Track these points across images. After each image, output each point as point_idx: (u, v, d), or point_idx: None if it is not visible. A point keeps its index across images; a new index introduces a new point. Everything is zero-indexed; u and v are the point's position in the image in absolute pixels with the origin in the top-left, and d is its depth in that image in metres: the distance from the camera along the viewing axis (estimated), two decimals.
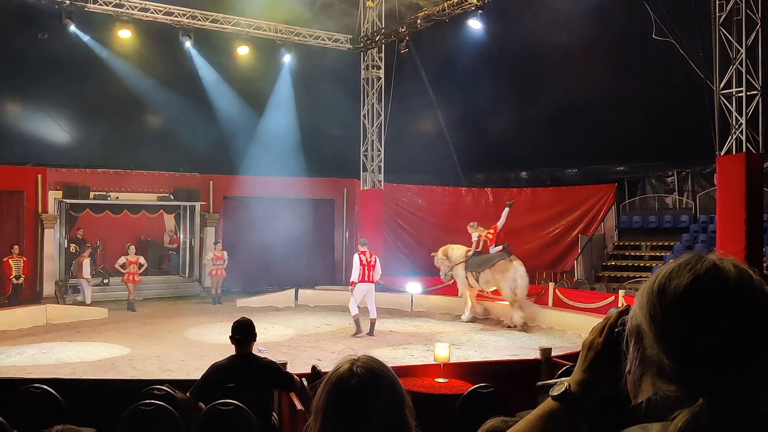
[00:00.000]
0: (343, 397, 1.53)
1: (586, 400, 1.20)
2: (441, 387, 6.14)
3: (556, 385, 1.23)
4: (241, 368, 4.80)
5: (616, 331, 1.17)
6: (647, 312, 1.01)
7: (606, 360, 1.18)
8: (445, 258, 15.53)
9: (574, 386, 1.20)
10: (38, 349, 11.74)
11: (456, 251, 15.52)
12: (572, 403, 1.20)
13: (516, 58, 17.61)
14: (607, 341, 1.18)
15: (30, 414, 4.88)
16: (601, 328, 1.21)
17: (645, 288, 1.03)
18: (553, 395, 1.21)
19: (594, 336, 1.21)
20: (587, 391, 1.20)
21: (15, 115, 17.40)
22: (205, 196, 19.38)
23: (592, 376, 1.20)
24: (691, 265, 1.00)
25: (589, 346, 1.22)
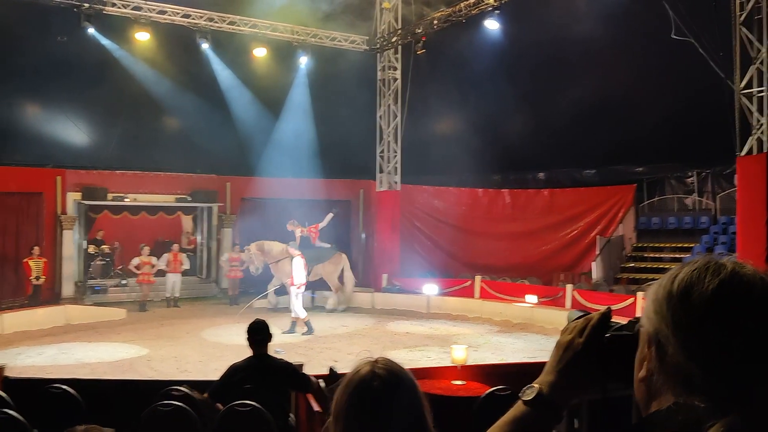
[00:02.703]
0: (365, 399, 1.53)
1: (560, 404, 1.14)
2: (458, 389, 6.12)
3: (527, 388, 1.17)
4: (259, 369, 4.82)
5: (608, 336, 1.12)
6: (670, 319, 0.96)
7: (585, 363, 1.12)
8: (260, 253, 16.36)
9: (547, 389, 1.14)
10: (58, 349, 11.87)
11: (275, 247, 16.47)
12: (545, 408, 1.14)
13: (533, 58, 17.52)
14: (588, 343, 1.13)
15: (50, 414, 4.92)
16: (581, 328, 1.15)
17: (660, 293, 0.99)
18: (525, 399, 1.15)
19: (572, 336, 1.15)
20: (561, 395, 1.14)
21: (34, 117, 17.56)
22: (223, 198, 19.48)
23: (567, 378, 1.14)
24: (713, 270, 0.96)
25: (566, 347, 1.15)
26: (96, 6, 15.37)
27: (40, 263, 15.72)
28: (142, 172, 18.72)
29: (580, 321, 1.17)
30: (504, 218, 20.08)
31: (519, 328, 14.74)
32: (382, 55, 19.22)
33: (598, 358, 1.11)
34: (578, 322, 1.17)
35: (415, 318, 15.99)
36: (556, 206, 19.63)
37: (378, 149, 19.60)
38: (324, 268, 16.27)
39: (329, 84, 18.36)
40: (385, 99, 19.36)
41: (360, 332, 14.14)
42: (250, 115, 18.74)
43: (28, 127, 17.13)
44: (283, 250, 16.07)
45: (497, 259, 19.16)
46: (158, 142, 18.62)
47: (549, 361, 1.18)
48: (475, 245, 19.75)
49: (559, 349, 1.16)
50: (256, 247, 16.45)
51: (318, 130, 19.06)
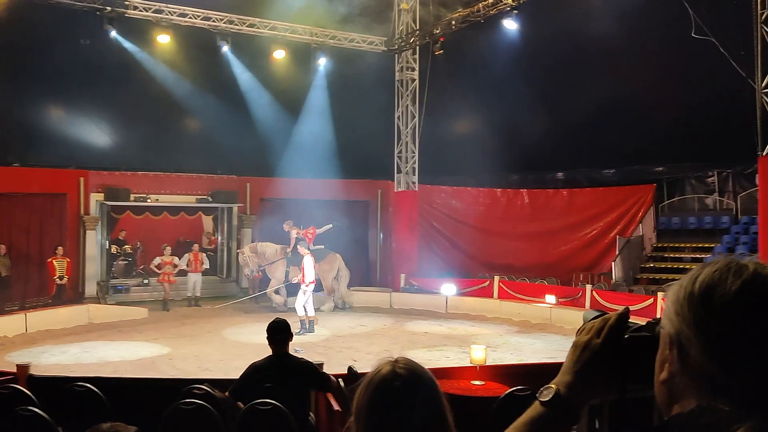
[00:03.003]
0: (387, 399, 1.55)
1: (577, 404, 1.13)
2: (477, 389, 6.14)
3: (544, 389, 1.15)
4: (279, 368, 4.86)
5: (626, 337, 1.11)
6: (692, 320, 0.94)
7: (603, 363, 1.12)
8: (254, 255, 16.49)
9: (564, 390, 1.13)
10: (81, 348, 12.04)
11: (268, 248, 16.64)
12: (562, 409, 1.13)
13: (552, 57, 17.45)
14: (606, 344, 1.12)
15: (74, 412, 5.00)
16: (599, 329, 1.14)
17: (681, 294, 0.97)
18: (542, 400, 1.14)
19: (590, 337, 1.14)
20: (578, 396, 1.13)
21: (58, 119, 17.81)
22: (243, 198, 19.63)
23: (584, 379, 1.13)
24: (735, 270, 0.94)
25: (584, 347, 1.14)
26: (118, 9, 15.58)
27: (63, 263, 15.94)
28: (164, 173, 18.93)
29: (598, 321, 1.16)
30: (522, 218, 20.01)
31: (538, 328, 14.70)
32: (400, 56, 19.26)
33: (616, 359, 1.11)
34: (595, 323, 1.16)
35: (434, 318, 16.00)
36: (575, 206, 19.54)
37: (396, 150, 19.64)
38: (319, 268, 16.18)
39: (347, 85, 18.43)
40: (403, 100, 19.39)
41: (378, 332, 14.18)
42: (270, 117, 18.87)
43: (52, 128, 17.37)
44: (277, 252, 16.39)
45: (516, 259, 19.11)
46: (179, 143, 18.81)
47: (566, 362, 1.17)
48: (494, 245, 19.71)
49: (577, 349, 1.15)
50: (250, 249, 16.62)
51: (336, 130, 19.14)
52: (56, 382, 5.84)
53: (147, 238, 19.30)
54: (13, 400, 4.84)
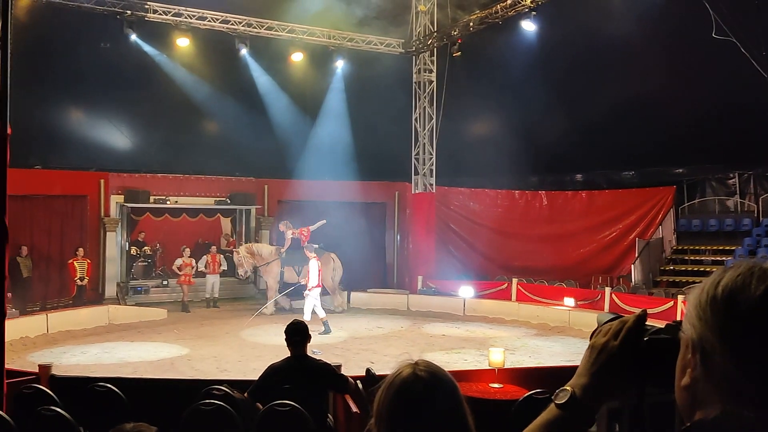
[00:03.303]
0: (408, 401, 1.55)
1: (592, 407, 1.12)
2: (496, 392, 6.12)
3: (560, 391, 1.14)
4: (297, 370, 4.88)
5: (646, 339, 1.10)
6: (716, 326, 0.93)
7: (620, 366, 1.10)
8: (249, 255, 16.38)
9: (580, 392, 1.12)
10: (101, 349, 12.15)
11: (264, 249, 16.68)
12: (577, 411, 1.12)
13: (570, 58, 17.38)
14: (624, 346, 1.11)
15: (95, 412, 5.06)
16: (617, 331, 1.13)
17: (704, 299, 0.95)
18: (558, 403, 1.13)
19: (607, 339, 1.13)
20: (594, 398, 1.12)
21: (79, 122, 18.01)
22: (261, 200, 19.73)
23: (601, 381, 1.12)
24: (759, 275, 0.92)
25: (600, 349, 1.13)
26: (138, 13, 15.75)
27: (84, 264, 16.11)
28: (183, 175, 19.08)
29: (615, 323, 1.15)
30: (541, 220, 19.91)
31: (556, 331, 14.62)
32: (418, 57, 19.26)
33: (634, 362, 1.10)
34: (613, 325, 1.15)
35: (451, 320, 15.96)
36: (594, 208, 19.41)
37: (413, 151, 19.64)
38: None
39: (365, 87, 18.46)
40: (420, 101, 19.39)
41: (396, 334, 14.17)
42: (288, 119, 18.96)
43: (73, 131, 17.57)
44: (272, 253, 16.43)
45: (534, 262, 19.02)
46: (198, 145, 18.96)
47: (582, 364, 1.16)
48: (512, 247, 19.63)
49: (593, 351, 1.14)
50: (246, 249, 16.57)
51: (354, 132, 19.19)
52: (77, 382, 5.90)
53: (166, 240, 19.45)
54: (35, 400, 4.90)
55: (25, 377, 5.92)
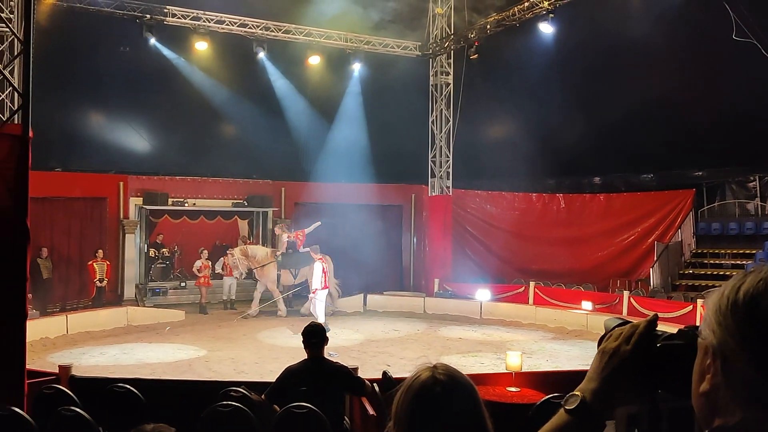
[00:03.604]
0: (427, 404, 1.56)
1: (603, 412, 1.11)
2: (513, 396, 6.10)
3: (570, 396, 1.14)
4: (314, 372, 4.88)
5: (659, 344, 1.09)
6: (737, 332, 0.91)
7: (632, 371, 1.10)
8: (244, 258, 16.22)
9: (590, 397, 1.12)
10: (119, 350, 12.25)
11: (259, 251, 16.51)
12: (588, 416, 1.11)
13: (588, 60, 17.29)
14: (636, 351, 1.10)
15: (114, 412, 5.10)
16: (628, 335, 1.12)
17: (724, 304, 0.93)
18: (568, 408, 1.13)
19: (619, 343, 1.13)
20: (604, 403, 1.11)
21: (98, 125, 18.20)
22: (278, 203, 19.82)
23: (611, 386, 1.11)
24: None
25: (611, 354, 1.12)
26: (157, 17, 15.90)
27: (103, 266, 16.27)
28: (201, 177, 19.21)
29: (626, 328, 1.14)
30: (558, 223, 19.81)
31: (574, 335, 14.54)
32: (435, 60, 19.26)
33: (646, 367, 1.09)
34: (624, 329, 1.15)
35: (468, 323, 15.92)
36: (612, 211, 19.27)
37: (430, 154, 19.62)
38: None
39: (382, 90, 18.49)
40: (437, 104, 19.37)
41: (412, 337, 14.16)
42: (305, 122, 19.05)
43: (93, 134, 17.76)
44: (267, 255, 16.37)
45: (551, 265, 18.92)
46: (216, 148, 19.09)
47: (592, 368, 1.16)
48: (529, 250, 19.54)
49: (604, 356, 1.14)
50: (241, 251, 16.41)
51: (370, 135, 19.22)
52: (97, 383, 5.95)
53: (184, 242, 19.59)
54: (56, 400, 4.95)
55: (45, 377, 5.99)
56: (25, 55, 5.53)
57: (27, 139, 5.42)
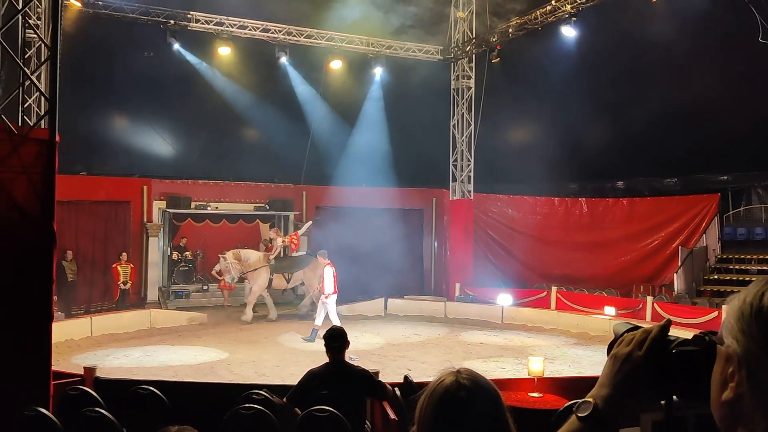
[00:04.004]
0: (451, 409, 1.55)
1: (616, 419, 1.09)
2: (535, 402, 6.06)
3: (581, 403, 1.12)
4: (336, 375, 4.90)
5: (674, 351, 1.07)
6: (762, 340, 0.89)
7: (645, 376, 1.08)
8: (237, 262, 16.01)
9: (602, 403, 1.10)
10: (143, 352, 12.36)
11: (252, 255, 16.29)
12: (600, 423, 1.09)
13: (611, 64, 17.16)
14: (649, 356, 1.08)
15: (138, 414, 5.14)
16: (640, 341, 1.11)
17: (747, 311, 0.92)
18: (580, 416, 1.11)
19: (631, 349, 1.11)
20: (617, 409, 1.09)
21: (122, 129, 18.42)
22: (299, 206, 19.90)
23: (624, 392, 1.09)
24: None
25: (624, 359, 1.11)
26: (181, 22, 16.07)
27: (127, 269, 16.44)
28: (223, 181, 19.35)
29: (639, 333, 1.13)
30: (581, 228, 19.66)
31: (597, 340, 14.39)
32: (456, 64, 19.23)
33: (660, 373, 1.08)
34: (636, 334, 1.13)
35: (489, 328, 15.85)
36: (636, 216, 19.09)
37: (451, 158, 19.58)
38: (305, 274, 16.30)
39: (403, 94, 18.51)
40: (458, 108, 19.34)
41: (433, 341, 14.12)
42: (326, 126, 19.13)
43: (117, 138, 17.98)
44: (260, 259, 16.25)
45: (574, 270, 18.78)
46: (238, 152, 19.24)
47: (603, 374, 1.14)
48: (551, 255, 19.42)
49: (617, 361, 1.12)
50: (233, 255, 16.16)
51: (392, 139, 19.25)
52: (121, 384, 6.01)
53: (207, 245, 19.73)
54: (80, 402, 5.01)
55: (70, 379, 6.06)
56: (52, 60, 5.62)
57: (54, 144, 5.50)
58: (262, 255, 16.51)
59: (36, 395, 5.14)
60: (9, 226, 5.37)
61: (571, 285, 17.99)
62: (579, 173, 19.50)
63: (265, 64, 17.92)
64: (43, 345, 5.40)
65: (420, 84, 18.43)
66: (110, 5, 15.34)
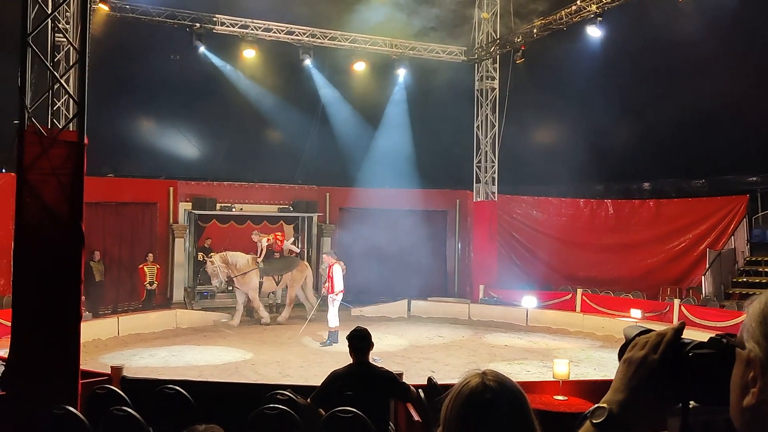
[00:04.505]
0: (478, 411, 1.54)
1: (632, 424, 1.06)
2: (560, 405, 6.01)
3: (596, 409, 1.10)
4: (360, 377, 4.90)
5: (691, 354, 1.05)
6: None
7: (661, 380, 1.05)
8: (224, 265, 15.57)
9: (618, 409, 1.07)
10: (168, 352, 12.48)
11: (240, 258, 15.86)
12: (616, 429, 1.07)
13: (637, 64, 16.99)
14: (665, 360, 1.06)
15: (164, 413, 5.19)
16: (655, 344, 1.08)
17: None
18: (595, 422, 1.08)
19: (646, 352, 1.08)
20: (632, 415, 1.06)
21: (149, 132, 18.64)
22: (322, 208, 19.96)
23: (640, 397, 1.07)
24: None
25: (639, 363, 1.08)
26: (207, 25, 16.21)
27: (153, 269, 16.63)
28: (248, 183, 19.49)
29: (653, 336, 1.11)
30: (607, 229, 19.46)
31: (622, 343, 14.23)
32: (480, 65, 19.16)
33: (677, 377, 1.06)
34: (650, 338, 1.11)
35: (513, 330, 15.76)
36: (663, 218, 18.84)
37: (475, 159, 19.50)
38: (292, 277, 16.09)
39: (426, 95, 18.50)
40: (482, 109, 19.25)
41: (457, 343, 14.08)
42: (350, 128, 19.18)
43: (144, 141, 18.19)
44: (248, 262, 15.89)
45: (599, 272, 18.61)
46: (263, 154, 19.37)
47: (617, 379, 1.12)
48: (576, 257, 19.25)
49: (631, 365, 1.10)
50: (221, 258, 15.70)
51: (415, 140, 19.24)
52: (147, 384, 6.07)
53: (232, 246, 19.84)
54: (108, 400, 5.07)
55: (98, 378, 6.13)
56: (81, 63, 5.70)
57: (82, 146, 5.57)
58: (250, 258, 16.07)
59: (64, 394, 5.21)
60: (39, 227, 5.45)
61: (597, 287, 17.82)
62: (605, 174, 19.31)
63: (289, 66, 18.01)
64: (72, 345, 5.47)
65: (443, 85, 18.39)
66: (137, 9, 15.52)
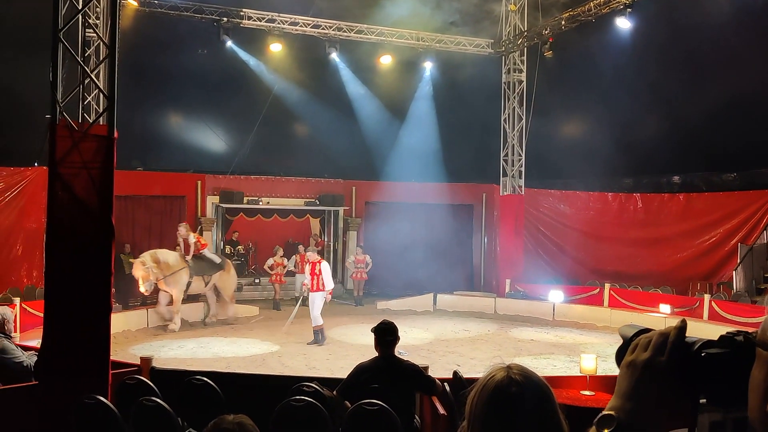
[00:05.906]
0: (503, 405, 1.54)
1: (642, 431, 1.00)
2: (587, 400, 5.97)
3: (602, 418, 1.03)
4: (386, 370, 4.91)
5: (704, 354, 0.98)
6: None
7: (670, 383, 1.00)
8: (155, 265, 13.69)
9: (626, 416, 1.01)
10: (197, 344, 12.63)
11: (170, 256, 14.20)
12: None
13: (667, 56, 16.73)
14: (674, 361, 1.00)
15: (193, 404, 5.26)
16: (659, 345, 1.02)
17: None
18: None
19: (652, 354, 1.02)
20: (642, 421, 1.01)
21: (178, 126, 18.85)
22: (349, 202, 20.03)
23: (649, 402, 1.01)
24: None
25: (644, 366, 1.02)
26: (234, 20, 16.31)
27: None
28: (275, 177, 19.62)
29: (654, 336, 1.05)
30: (635, 224, 19.22)
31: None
32: (507, 57, 19.01)
33: (686, 378, 1.00)
34: (652, 338, 1.05)
35: (540, 325, 15.66)
36: (693, 212, 18.56)
37: (502, 153, 19.38)
38: (220, 277, 15.12)
39: (453, 88, 18.43)
40: (509, 102, 19.11)
41: (482, 337, 14.04)
42: (376, 121, 19.19)
43: (172, 135, 18.41)
44: (178, 260, 14.41)
45: (627, 267, 18.39)
46: (289, 148, 19.48)
47: (621, 384, 1.05)
48: (604, 251, 19.06)
49: (636, 369, 1.04)
50: (151, 258, 13.86)
51: (441, 134, 19.19)
52: (176, 375, 6.14)
53: (258, 239, 20.02)
54: (137, 391, 5.15)
55: (127, 368, 6.23)
56: (111, 58, 5.77)
57: (112, 140, 5.65)
58: (178, 255, 14.56)
59: (95, 384, 5.30)
60: (70, 220, 5.54)
61: (625, 282, 17.62)
62: (633, 168, 19.06)
63: (315, 60, 18.07)
64: (103, 336, 5.56)
65: (470, 79, 18.30)
66: (166, 4, 15.67)
